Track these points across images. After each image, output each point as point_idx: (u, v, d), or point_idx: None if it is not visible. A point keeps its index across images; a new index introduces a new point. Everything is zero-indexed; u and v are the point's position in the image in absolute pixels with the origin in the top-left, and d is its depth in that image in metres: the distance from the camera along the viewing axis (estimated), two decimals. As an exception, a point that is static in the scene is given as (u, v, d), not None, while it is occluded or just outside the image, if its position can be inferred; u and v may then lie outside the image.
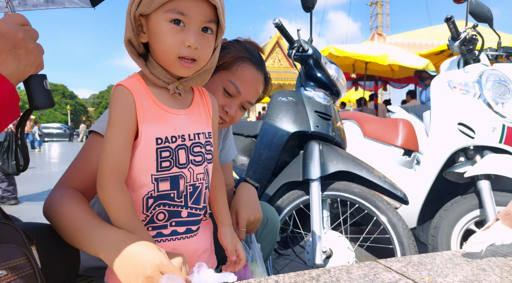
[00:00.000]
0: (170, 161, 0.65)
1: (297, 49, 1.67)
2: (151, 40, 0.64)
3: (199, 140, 0.69)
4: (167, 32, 0.61)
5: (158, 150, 0.63)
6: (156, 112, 0.64)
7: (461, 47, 1.72)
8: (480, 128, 1.57)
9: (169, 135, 0.65)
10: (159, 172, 0.64)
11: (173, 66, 0.64)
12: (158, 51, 0.64)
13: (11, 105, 0.51)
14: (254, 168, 1.67)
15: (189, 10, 0.61)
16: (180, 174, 0.66)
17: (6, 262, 0.45)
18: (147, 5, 0.60)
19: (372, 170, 1.50)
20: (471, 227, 1.60)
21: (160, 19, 0.61)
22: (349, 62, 7.35)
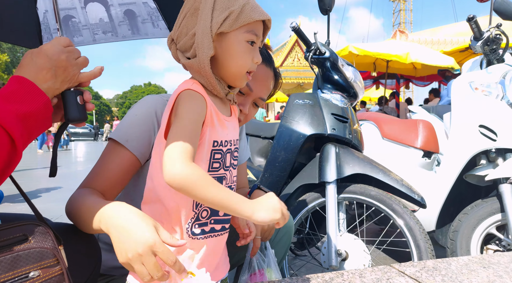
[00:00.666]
0: (220, 162, 0.70)
1: (314, 52, 1.68)
2: (223, 55, 0.68)
3: (237, 145, 0.75)
4: (245, 51, 0.69)
5: (212, 152, 0.68)
6: (217, 117, 0.69)
7: (484, 47, 1.67)
8: (503, 130, 1.53)
9: (223, 139, 0.70)
10: (210, 172, 0.68)
11: (240, 79, 0.71)
12: (230, 65, 0.69)
13: (45, 116, 0.58)
14: (271, 170, 1.69)
15: (259, 31, 0.70)
16: (224, 175, 0.71)
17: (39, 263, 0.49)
18: (231, 25, 0.65)
19: (389, 173, 1.49)
20: (492, 232, 1.56)
21: (240, 37, 0.67)
22: (369, 61, 7.22)
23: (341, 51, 6.25)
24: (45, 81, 0.58)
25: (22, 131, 0.53)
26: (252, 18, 0.66)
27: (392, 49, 5.79)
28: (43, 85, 0.58)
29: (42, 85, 0.58)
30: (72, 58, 0.63)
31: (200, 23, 0.65)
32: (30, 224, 0.52)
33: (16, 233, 0.51)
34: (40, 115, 0.56)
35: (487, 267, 0.93)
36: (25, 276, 0.47)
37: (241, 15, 0.65)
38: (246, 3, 0.66)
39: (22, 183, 2.95)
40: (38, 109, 0.55)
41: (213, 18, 0.65)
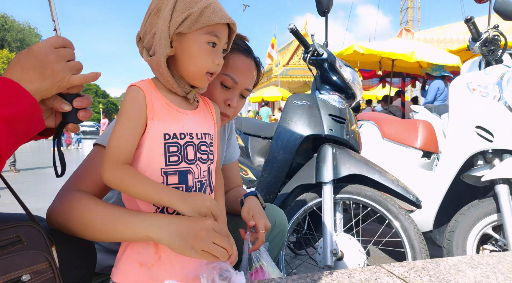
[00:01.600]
0: (178, 156, 0.70)
1: (312, 53, 1.69)
2: (183, 55, 0.70)
3: (205, 139, 0.76)
4: (204, 52, 0.70)
5: (166, 145, 0.69)
6: (166, 110, 0.71)
7: (482, 48, 1.67)
8: (499, 131, 1.53)
9: (178, 131, 0.71)
10: (168, 166, 0.69)
11: (199, 79, 0.73)
12: (188, 66, 0.71)
13: (33, 117, 0.55)
14: (269, 170, 1.72)
15: (221, 34, 0.72)
16: (189, 169, 0.71)
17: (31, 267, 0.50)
18: (189, 26, 0.67)
19: (385, 173, 1.51)
20: (488, 232, 1.57)
21: (199, 39, 0.69)
22: (375, 59, 7.18)
23: (346, 50, 6.22)
24: (31, 82, 0.56)
25: (7, 134, 0.51)
26: (211, 21, 0.68)
27: (397, 48, 5.75)
28: (29, 86, 0.55)
29: (28, 86, 0.55)
30: (61, 60, 0.59)
31: (160, 22, 0.68)
32: (24, 226, 0.54)
33: (10, 235, 0.52)
34: (26, 117, 0.54)
35: (475, 268, 0.94)
36: (17, 279, 0.48)
37: (200, 17, 0.67)
38: (207, 6, 0.68)
39: (31, 181, 3.04)
40: (24, 110, 0.53)
41: (172, 18, 0.67)
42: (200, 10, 0.67)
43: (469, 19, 1.63)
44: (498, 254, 1.04)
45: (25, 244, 0.52)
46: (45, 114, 0.64)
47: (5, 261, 0.48)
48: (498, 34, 1.65)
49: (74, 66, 0.61)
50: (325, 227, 1.45)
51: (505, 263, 0.97)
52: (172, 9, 0.67)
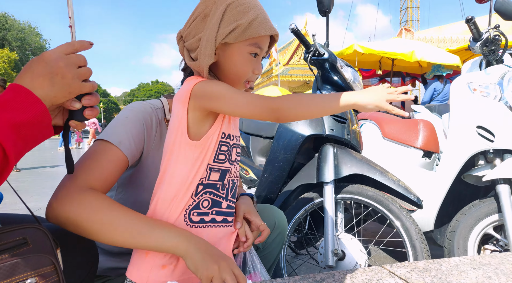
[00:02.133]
0: (226, 155, 0.73)
1: (313, 53, 1.69)
2: (225, 63, 0.72)
3: (239, 142, 0.79)
4: (247, 62, 0.72)
5: (220, 143, 0.71)
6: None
7: (483, 48, 1.67)
8: (500, 131, 1.53)
9: (231, 133, 0.74)
10: (215, 163, 0.71)
11: (238, 86, 0.75)
12: (230, 73, 0.73)
13: (43, 124, 0.56)
14: (270, 170, 1.72)
15: (264, 45, 0.73)
16: (229, 169, 0.74)
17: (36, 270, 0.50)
18: (236, 37, 0.68)
19: (386, 173, 1.51)
20: (489, 232, 1.57)
21: (243, 49, 0.71)
22: (375, 59, 7.19)
23: (346, 50, 6.23)
24: (41, 89, 0.56)
25: (15, 140, 0.51)
26: (258, 33, 0.69)
27: (397, 47, 5.76)
28: (40, 92, 0.55)
29: (39, 92, 0.55)
30: (72, 66, 0.59)
31: (207, 30, 0.68)
32: (30, 228, 0.54)
33: (16, 237, 0.52)
34: (36, 123, 0.54)
35: (477, 268, 0.94)
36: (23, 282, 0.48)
37: (248, 29, 0.68)
38: (255, 18, 0.68)
39: (31, 180, 3.04)
40: (34, 117, 0.54)
41: (220, 28, 0.67)
42: (248, 22, 0.68)
43: (470, 19, 1.63)
44: (500, 254, 1.04)
45: (31, 246, 0.52)
46: (54, 112, 0.64)
47: (11, 264, 0.48)
48: (499, 34, 1.65)
49: (84, 73, 0.61)
50: (326, 227, 1.45)
51: (507, 263, 0.97)
52: (220, 19, 0.67)
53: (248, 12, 0.68)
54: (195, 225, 0.71)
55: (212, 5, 0.69)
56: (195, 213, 0.71)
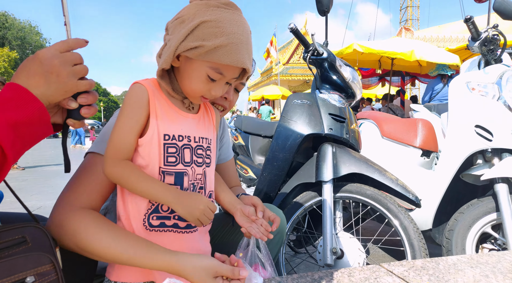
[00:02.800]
0: (176, 157, 0.72)
1: (312, 52, 1.70)
2: (183, 73, 0.72)
3: (202, 143, 0.78)
4: (202, 81, 0.71)
5: (165, 145, 0.71)
6: (167, 111, 0.73)
7: (482, 47, 1.68)
8: (499, 130, 1.54)
9: (177, 133, 0.73)
10: (166, 166, 0.71)
11: (193, 98, 0.75)
12: (184, 85, 0.73)
13: (41, 122, 0.55)
14: (269, 169, 1.72)
15: (228, 73, 0.71)
16: (185, 171, 0.73)
17: (36, 269, 0.50)
18: (196, 55, 0.67)
19: (384, 172, 1.51)
20: (487, 231, 1.57)
21: (201, 69, 0.70)
22: (374, 58, 7.18)
23: (345, 49, 6.23)
24: (37, 87, 0.55)
25: (13, 139, 0.51)
26: (220, 61, 0.67)
27: (397, 46, 5.76)
28: (36, 91, 0.55)
29: (35, 90, 0.55)
30: (67, 64, 0.58)
31: (175, 36, 0.68)
32: (30, 227, 0.54)
33: (16, 235, 0.52)
34: (34, 122, 0.54)
35: (474, 267, 0.95)
36: (21, 281, 0.48)
37: (211, 53, 0.66)
38: (224, 45, 0.66)
39: (32, 178, 3.05)
40: (32, 115, 0.53)
41: (185, 40, 0.67)
42: (214, 47, 0.66)
43: (468, 19, 1.64)
44: (498, 253, 1.05)
45: (30, 245, 0.52)
46: (53, 111, 0.64)
47: (10, 262, 0.49)
48: (498, 34, 1.65)
49: (79, 71, 0.60)
50: (325, 225, 1.45)
51: (505, 262, 0.98)
52: (189, 31, 0.66)
53: (220, 37, 0.65)
54: (154, 229, 0.71)
55: (191, 14, 0.68)
56: (154, 217, 0.71)
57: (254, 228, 0.81)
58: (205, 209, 0.70)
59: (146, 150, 0.70)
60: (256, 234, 0.81)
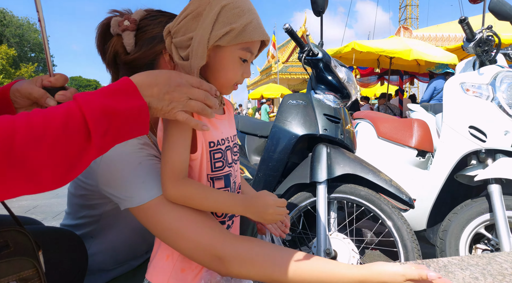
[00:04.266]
0: (222, 161, 0.73)
1: (307, 53, 1.70)
2: (215, 65, 0.70)
3: (235, 141, 0.80)
4: (237, 66, 0.71)
5: (211, 153, 0.71)
6: (207, 120, 0.72)
7: (476, 48, 1.68)
8: (492, 131, 1.54)
9: (219, 138, 0.73)
10: (214, 172, 0.72)
11: (227, 88, 0.74)
12: (220, 76, 0.71)
13: (138, 119, 0.54)
14: (264, 170, 1.73)
15: (255, 49, 0.72)
16: (230, 172, 0.75)
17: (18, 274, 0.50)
18: (229, 41, 0.66)
19: (378, 173, 1.52)
20: (480, 231, 1.58)
21: (234, 53, 0.69)
22: (373, 57, 7.19)
23: (344, 48, 6.23)
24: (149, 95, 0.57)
25: (105, 126, 0.49)
26: (251, 38, 0.67)
27: (395, 46, 5.76)
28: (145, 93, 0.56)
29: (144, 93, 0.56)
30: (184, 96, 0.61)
31: (200, 30, 0.66)
32: (12, 231, 0.53)
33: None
34: (131, 116, 0.53)
35: (465, 269, 0.95)
36: None
37: (242, 33, 0.66)
38: (249, 22, 0.66)
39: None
40: (130, 109, 0.52)
41: (213, 29, 0.65)
42: (243, 26, 0.66)
43: (463, 20, 1.64)
44: (488, 255, 1.05)
45: (12, 249, 0.51)
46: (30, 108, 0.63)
47: None
48: (492, 35, 1.65)
49: (190, 105, 0.62)
50: (319, 226, 1.46)
51: (495, 264, 0.98)
52: (214, 20, 0.65)
53: (243, 15, 0.66)
54: None
55: (206, 4, 0.67)
56: None
57: (272, 225, 0.85)
58: (274, 210, 0.70)
59: (197, 163, 0.70)
60: (275, 231, 0.84)
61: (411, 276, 0.64)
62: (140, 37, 0.84)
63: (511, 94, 1.56)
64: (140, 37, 0.84)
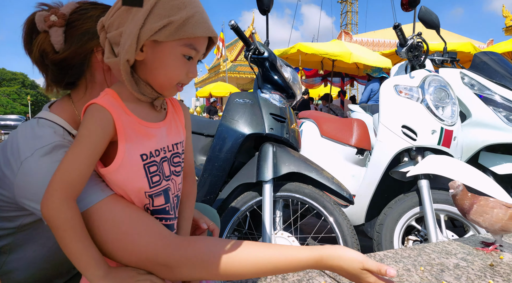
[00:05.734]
0: (159, 175, 0.65)
1: (253, 51, 1.68)
2: (154, 63, 0.63)
3: (177, 150, 0.71)
4: (179, 64, 0.63)
5: (145, 166, 0.63)
6: (137, 128, 0.64)
7: (408, 53, 1.81)
8: (422, 130, 1.67)
9: (153, 149, 0.65)
10: (152, 189, 0.65)
11: (169, 90, 0.66)
12: (159, 76, 0.64)
13: None
14: (210, 170, 1.68)
15: (201, 47, 0.65)
16: (168, 186, 0.67)
17: None
18: (167, 36, 0.59)
19: (321, 171, 1.56)
20: (412, 223, 1.71)
21: (175, 50, 0.62)
22: (317, 59, 7.50)
23: (291, 49, 6.40)
24: None
25: None
26: (193, 33, 0.61)
27: (337, 49, 6.07)
28: None
29: None
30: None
31: (130, 24, 0.59)
32: None
33: None
34: None
35: (398, 261, 1.01)
36: None
37: (182, 28, 0.60)
38: (191, 15, 0.60)
39: None
40: None
41: (146, 23, 0.58)
42: (183, 20, 0.59)
43: (396, 26, 1.75)
44: (419, 246, 1.13)
45: None
46: None
47: None
48: (421, 41, 1.80)
49: None
50: (264, 226, 1.46)
51: (424, 255, 1.05)
52: (148, 12, 0.58)
53: (184, 8, 0.60)
54: None
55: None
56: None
57: None
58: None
59: (126, 178, 0.62)
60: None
61: (369, 266, 0.64)
62: (70, 33, 0.75)
63: (437, 96, 1.71)
64: (70, 33, 0.75)
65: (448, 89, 1.75)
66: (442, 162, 1.60)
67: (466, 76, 1.94)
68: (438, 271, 0.94)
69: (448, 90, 1.74)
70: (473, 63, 2.03)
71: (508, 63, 2.01)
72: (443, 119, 1.68)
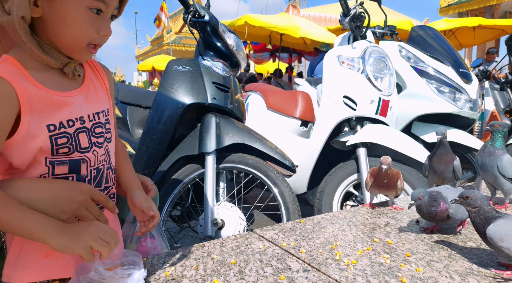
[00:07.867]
0: (69, 147, 0.60)
1: (192, 14, 1.56)
2: (55, 20, 0.54)
3: (99, 120, 0.65)
4: (85, 20, 0.56)
5: (52, 138, 0.57)
6: (45, 98, 0.56)
7: (350, 23, 1.82)
8: (361, 100, 1.72)
9: (65, 119, 0.59)
10: (57, 156, 0.59)
11: (79, 52, 0.58)
12: (62, 35, 0.56)
13: None
14: (148, 143, 1.58)
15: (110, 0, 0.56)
16: (83, 158, 0.62)
17: None
18: None
19: (265, 141, 1.54)
20: (350, 190, 1.79)
21: (78, 2, 0.53)
22: (265, 33, 7.39)
23: (237, 21, 6.21)
24: None
25: None
26: None
27: (284, 22, 6.02)
28: None
29: None
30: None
31: None
32: None
33: None
34: None
35: (334, 223, 1.04)
36: None
37: None
38: None
39: None
40: None
41: None
42: None
43: (340, -5, 1.74)
44: (354, 209, 1.18)
45: None
46: None
47: None
48: (363, 11, 1.82)
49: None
50: (207, 198, 1.42)
51: (359, 216, 1.10)
52: None
53: None
54: None
55: None
56: None
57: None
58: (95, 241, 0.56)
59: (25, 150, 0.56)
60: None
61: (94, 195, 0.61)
62: None
63: (376, 67, 1.76)
64: None
65: (387, 60, 1.80)
66: (379, 131, 1.67)
67: (403, 49, 2.02)
68: (370, 230, 0.98)
69: (387, 61, 1.80)
70: (410, 36, 2.11)
71: (442, 38, 2.13)
72: (381, 89, 1.74)
